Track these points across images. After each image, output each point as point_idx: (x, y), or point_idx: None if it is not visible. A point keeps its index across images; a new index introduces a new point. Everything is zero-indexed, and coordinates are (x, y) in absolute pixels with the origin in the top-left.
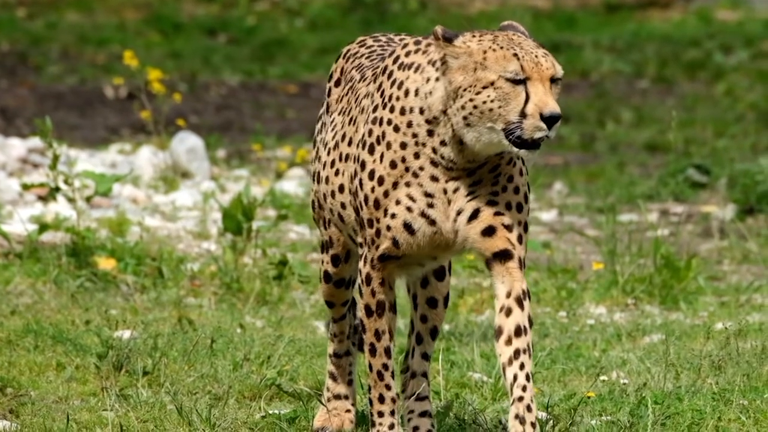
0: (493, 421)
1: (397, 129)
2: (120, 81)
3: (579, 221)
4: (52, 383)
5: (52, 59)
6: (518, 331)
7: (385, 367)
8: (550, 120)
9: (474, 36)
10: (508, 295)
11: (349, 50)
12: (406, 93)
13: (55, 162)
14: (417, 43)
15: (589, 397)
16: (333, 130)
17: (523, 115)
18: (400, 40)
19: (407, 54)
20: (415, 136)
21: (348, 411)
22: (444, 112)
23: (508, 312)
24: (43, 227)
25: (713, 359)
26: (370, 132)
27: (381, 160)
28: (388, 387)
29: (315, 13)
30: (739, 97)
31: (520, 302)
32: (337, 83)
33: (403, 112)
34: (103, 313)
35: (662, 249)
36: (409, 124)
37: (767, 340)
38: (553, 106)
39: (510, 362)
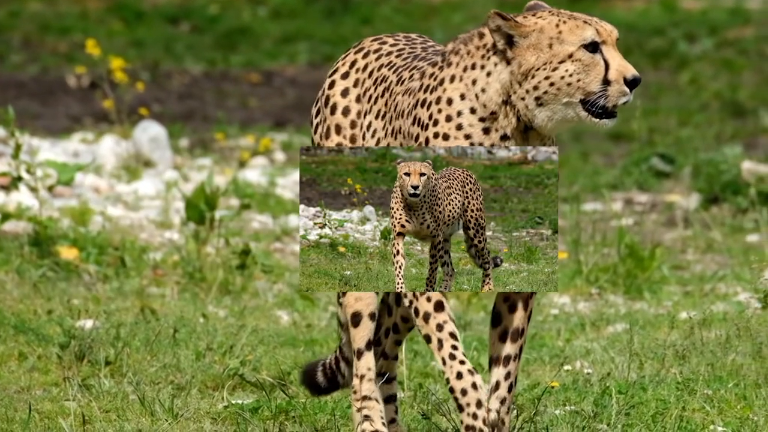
0: (456, 411)
1: (446, 137)
2: (82, 70)
3: None
4: (14, 373)
5: (13, 48)
6: (515, 334)
7: (455, 348)
8: (633, 83)
9: (527, 16)
10: None
11: (363, 47)
12: (449, 102)
13: (18, 151)
14: (439, 67)
15: (553, 387)
16: (374, 136)
17: (606, 82)
18: (422, 43)
19: (434, 78)
20: (468, 137)
21: None
22: (505, 102)
23: (512, 307)
24: (5, 216)
25: (677, 349)
26: None
27: None
28: (459, 375)
29: (278, 2)
30: (703, 86)
31: (526, 301)
32: (345, 76)
33: (449, 119)
34: (66, 302)
35: (626, 238)
36: (459, 127)
37: (731, 330)
38: (633, 69)
39: (497, 363)
